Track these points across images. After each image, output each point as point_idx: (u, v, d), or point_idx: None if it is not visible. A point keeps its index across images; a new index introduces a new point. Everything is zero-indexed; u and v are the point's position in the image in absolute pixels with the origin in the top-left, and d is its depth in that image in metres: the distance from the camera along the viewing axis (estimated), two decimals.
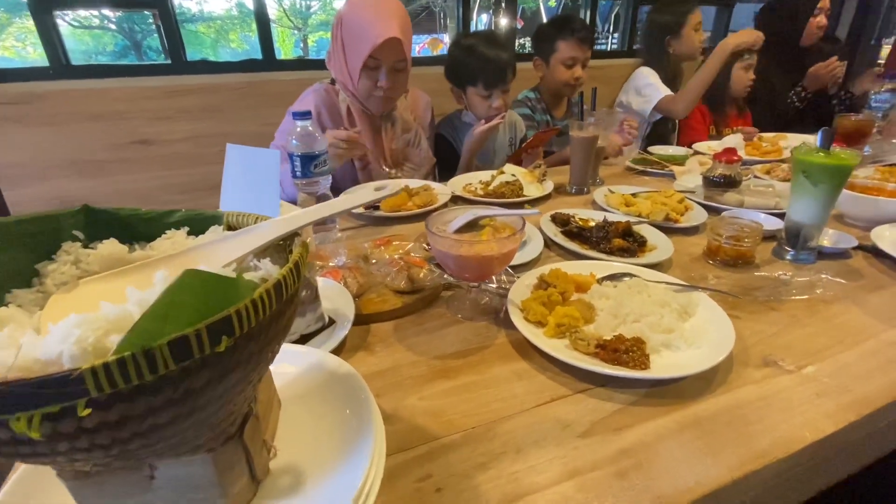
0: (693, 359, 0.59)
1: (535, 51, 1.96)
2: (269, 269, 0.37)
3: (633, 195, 1.23)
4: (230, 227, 0.45)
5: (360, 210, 1.16)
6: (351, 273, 0.76)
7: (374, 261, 0.84)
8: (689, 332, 0.64)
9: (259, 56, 2.09)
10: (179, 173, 2.00)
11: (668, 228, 1.03)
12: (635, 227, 1.00)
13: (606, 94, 2.40)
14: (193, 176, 2.03)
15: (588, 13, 2.86)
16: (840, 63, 2.16)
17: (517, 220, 0.69)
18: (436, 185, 1.33)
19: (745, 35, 1.89)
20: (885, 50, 3.33)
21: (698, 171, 1.44)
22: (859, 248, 0.92)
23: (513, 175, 1.34)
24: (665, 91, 2.08)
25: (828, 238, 0.94)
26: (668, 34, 2.15)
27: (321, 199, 0.99)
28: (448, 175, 1.68)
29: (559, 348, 0.62)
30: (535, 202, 1.27)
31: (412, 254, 0.85)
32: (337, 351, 0.63)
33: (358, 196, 0.44)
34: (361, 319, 0.71)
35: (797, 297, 0.76)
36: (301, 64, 2.37)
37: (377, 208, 1.18)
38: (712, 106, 2.18)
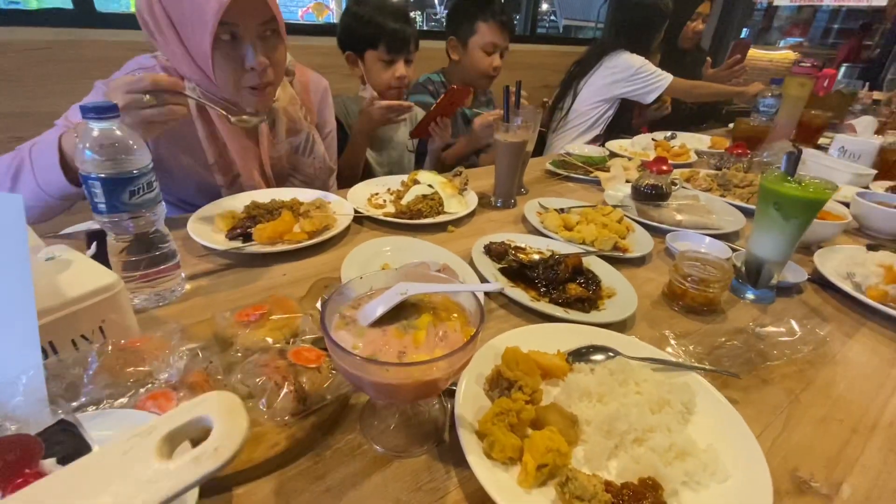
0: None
1: (449, 29, 1.71)
2: None
3: (566, 211, 1.07)
4: None
5: (223, 246, 0.82)
6: (195, 395, 0.45)
7: (237, 352, 0.53)
8: (705, 452, 0.46)
9: (69, 5, 1.51)
10: None
11: (616, 259, 0.88)
12: (584, 262, 0.83)
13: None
14: None
15: None
16: (742, 63, 2.29)
17: (470, 302, 0.45)
18: (332, 199, 1.03)
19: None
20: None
21: (623, 178, 1.34)
22: (808, 279, 0.86)
23: (429, 186, 1.09)
24: (668, 74, 1.99)
25: None
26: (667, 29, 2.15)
27: (146, 243, 0.64)
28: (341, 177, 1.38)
29: None
30: (458, 222, 1.03)
31: (302, 337, 0.56)
32: None
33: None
34: (217, 484, 0.41)
35: (783, 361, 0.64)
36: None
37: (247, 238, 0.85)
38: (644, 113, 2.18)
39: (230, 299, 0.71)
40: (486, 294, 0.71)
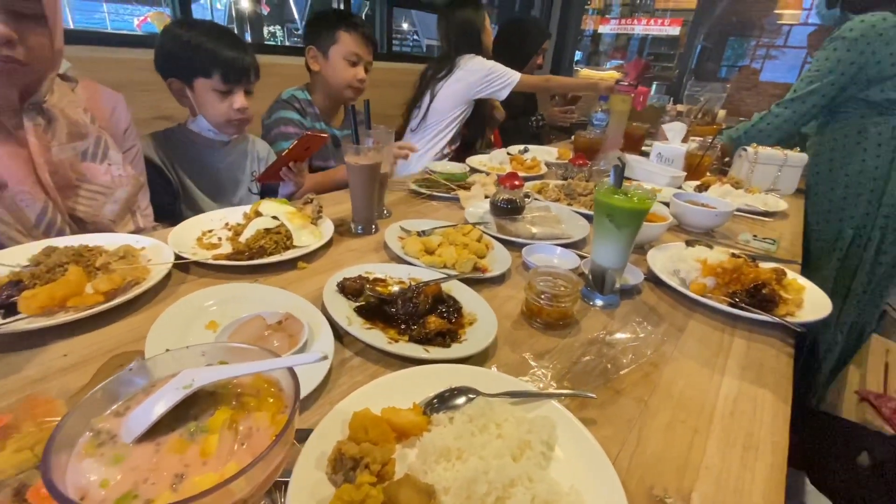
0: None
1: (308, 39, 1.58)
2: None
3: (428, 233, 1.03)
4: None
5: None
6: None
7: None
8: (567, 496, 0.44)
9: None
10: None
11: (477, 280, 0.86)
12: (444, 288, 0.79)
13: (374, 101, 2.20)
14: None
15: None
16: (573, 112, 2.70)
17: (287, 381, 0.36)
18: (145, 243, 0.84)
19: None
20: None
21: (482, 195, 1.36)
22: (644, 279, 0.93)
23: (274, 217, 0.96)
24: (516, 72, 2.08)
25: None
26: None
27: None
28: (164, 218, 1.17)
29: None
30: (311, 256, 0.92)
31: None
32: None
33: None
34: None
35: (632, 368, 0.67)
36: None
37: (10, 311, 0.63)
38: (489, 120, 2.26)
39: None
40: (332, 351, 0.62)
